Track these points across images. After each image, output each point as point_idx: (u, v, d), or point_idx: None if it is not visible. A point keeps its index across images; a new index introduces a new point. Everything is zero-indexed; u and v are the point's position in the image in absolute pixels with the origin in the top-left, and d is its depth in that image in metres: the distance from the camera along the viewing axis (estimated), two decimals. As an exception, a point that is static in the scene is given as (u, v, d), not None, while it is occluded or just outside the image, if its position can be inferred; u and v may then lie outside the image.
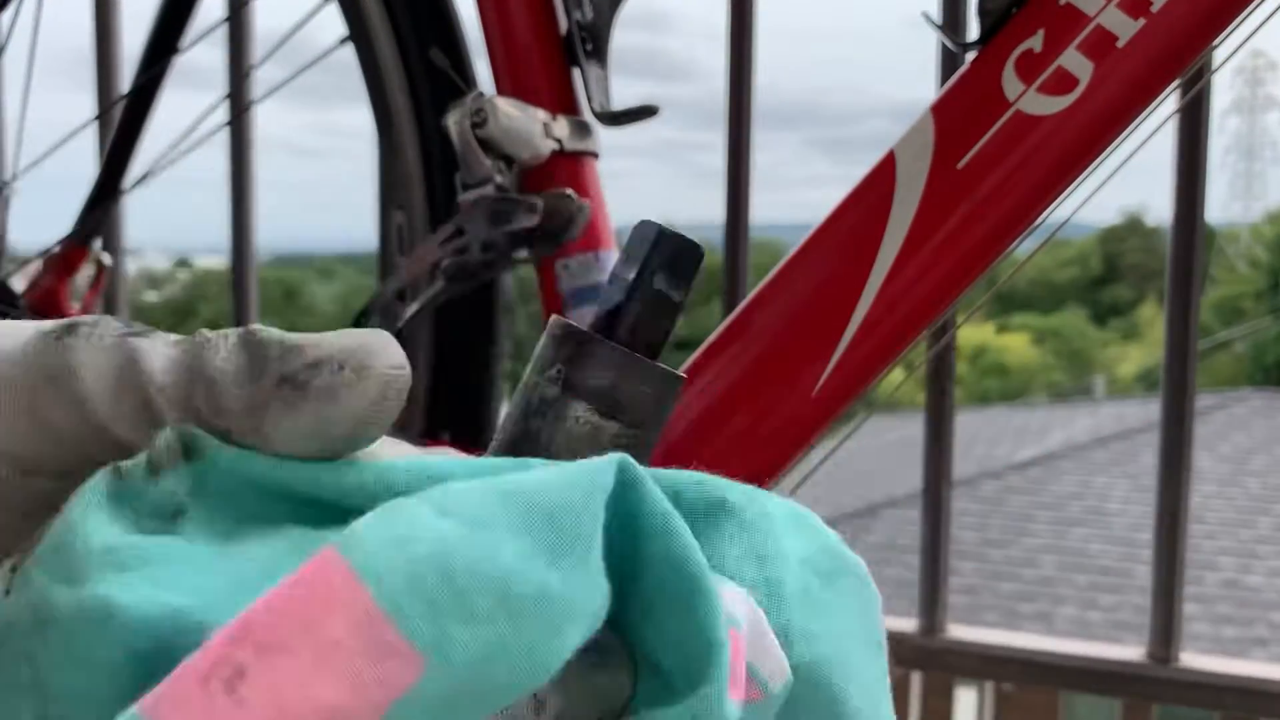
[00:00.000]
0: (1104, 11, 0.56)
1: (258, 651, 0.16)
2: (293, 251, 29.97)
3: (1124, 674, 0.99)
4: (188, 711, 0.16)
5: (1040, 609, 6.88)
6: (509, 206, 0.62)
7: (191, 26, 0.85)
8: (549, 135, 0.65)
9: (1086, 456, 8.55)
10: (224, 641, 0.16)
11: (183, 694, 0.16)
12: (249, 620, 0.17)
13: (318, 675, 0.16)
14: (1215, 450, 8.14)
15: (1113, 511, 7.74)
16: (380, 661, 0.16)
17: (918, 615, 1.05)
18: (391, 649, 0.16)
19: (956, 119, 0.60)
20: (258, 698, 0.16)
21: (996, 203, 0.59)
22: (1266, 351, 18.14)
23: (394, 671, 0.16)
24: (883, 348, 0.62)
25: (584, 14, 0.66)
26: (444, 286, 0.64)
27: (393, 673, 0.16)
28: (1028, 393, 18.95)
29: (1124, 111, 0.58)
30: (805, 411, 0.63)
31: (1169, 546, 0.97)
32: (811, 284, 0.63)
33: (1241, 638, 6.46)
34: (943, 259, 0.60)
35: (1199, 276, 0.94)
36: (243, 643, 0.16)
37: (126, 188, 0.89)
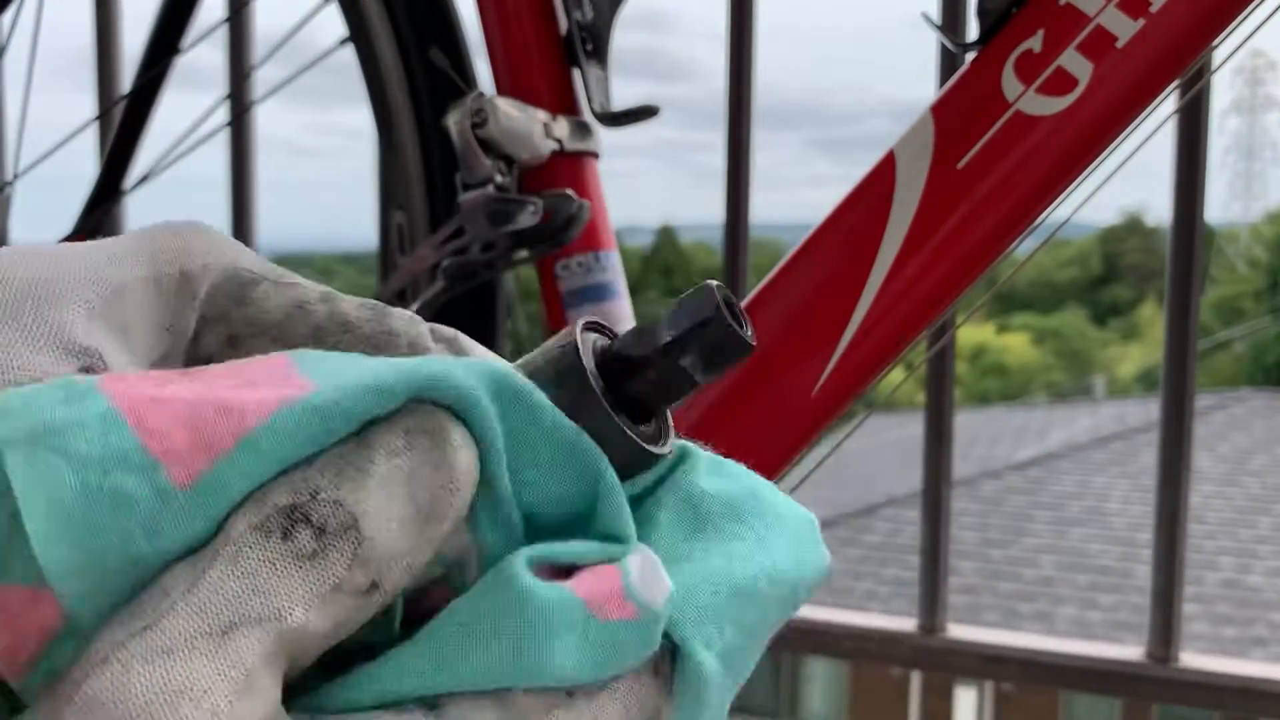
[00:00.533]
0: (1104, 12, 0.56)
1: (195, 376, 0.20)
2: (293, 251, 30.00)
3: (1124, 674, 0.99)
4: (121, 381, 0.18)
5: (1040, 609, 6.88)
6: (509, 207, 0.63)
7: (192, 27, 0.86)
8: (549, 135, 0.65)
9: (1086, 456, 8.55)
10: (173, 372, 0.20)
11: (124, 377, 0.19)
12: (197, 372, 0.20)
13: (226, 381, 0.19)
14: (1215, 450, 8.15)
15: (1112, 511, 7.75)
16: (282, 387, 0.19)
17: (918, 615, 1.06)
18: (291, 381, 0.19)
19: (956, 119, 0.60)
20: (179, 386, 0.19)
21: (996, 203, 0.59)
22: (1266, 351, 18.14)
23: (293, 388, 0.19)
24: (882, 348, 0.62)
25: (584, 14, 0.66)
26: (444, 286, 0.64)
27: (291, 389, 0.19)
28: (1027, 393, 18.95)
29: (1124, 112, 0.58)
30: (805, 411, 0.63)
31: (1169, 546, 0.97)
32: (811, 284, 0.63)
33: (1241, 637, 6.47)
34: (942, 259, 0.60)
35: (1199, 276, 0.94)
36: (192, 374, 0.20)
37: (127, 188, 0.89)
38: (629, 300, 0.70)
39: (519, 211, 0.62)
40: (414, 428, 0.19)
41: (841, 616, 1.10)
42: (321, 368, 0.20)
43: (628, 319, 0.69)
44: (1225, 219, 25.71)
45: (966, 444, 9.23)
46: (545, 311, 0.69)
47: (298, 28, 0.71)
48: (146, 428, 0.18)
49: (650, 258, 23.49)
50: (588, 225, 0.64)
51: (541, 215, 0.62)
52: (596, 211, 0.67)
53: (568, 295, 0.68)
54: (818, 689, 8.13)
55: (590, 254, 0.67)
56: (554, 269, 0.67)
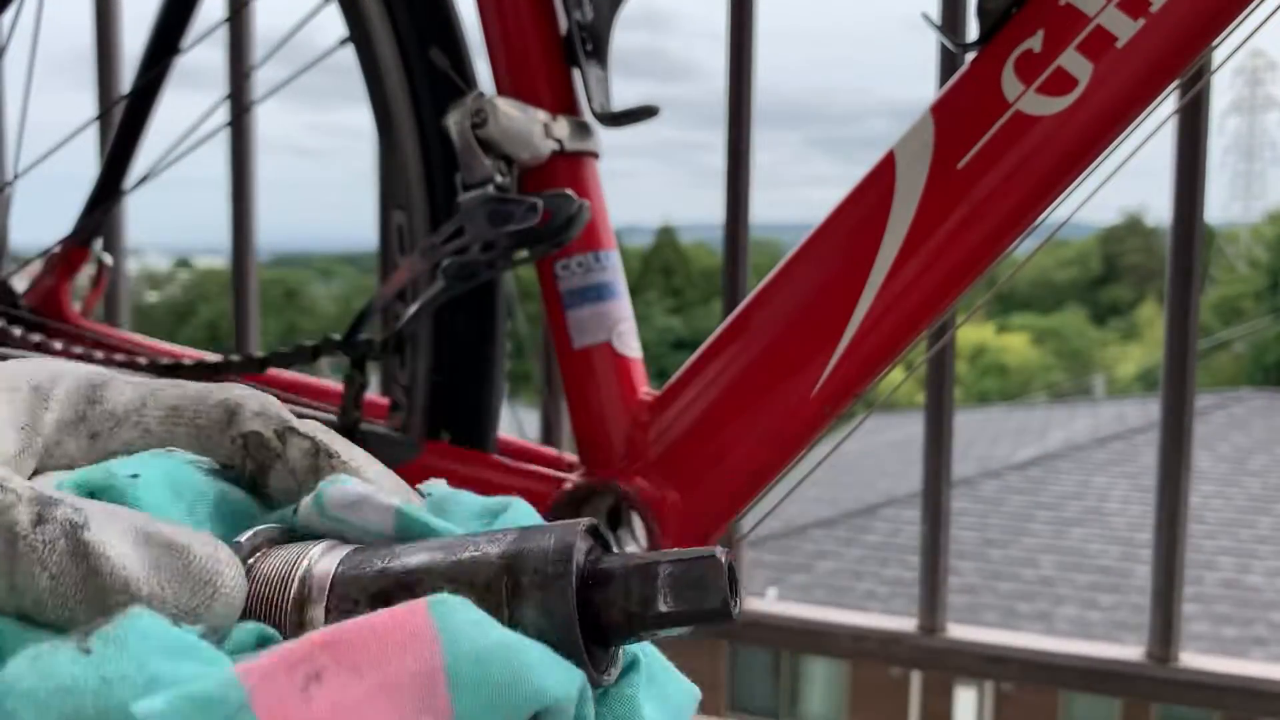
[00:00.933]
0: (1103, 12, 0.56)
1: (337, 664, 0.20)
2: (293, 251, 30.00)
3: (1123, 674, 0.99)
4: (271, 688, 0.19)
5: (1040, 609, 6.88)
6: (509, 207, 0.63)
7: (192, 27, 0.86)
8: (549, 136, 0.65)
9: (1086, 456, 8.55)
10: (318, 643, 0.20)
11: (272, 672, 0.19)
12: (340, 633, 0.20)
13: (372, 705, 0.20)
14: (1215, 450, 8.15)
15: (1112, 511, 7.75)
16: (423, 714, 0.20)
17: (918, 615, 1.06)
18: (436, 709, 0.20)
19: (956, 119, 0.60)
20: (323, 703, 0.19)
21: (996, 203, 0.59)
22: (1266, 351, 18.14)
23: None
24: (882, 348, 0.62)
25: (584, 14, 0.66)
26: (444, 286, 0.64)
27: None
28: (1027, 392, 18.94)
29: (1124, 112, 0.58)
30: (805, 411, 0.63)
31: (1169, 546, 0.97)
32: (811, 284, 0.63)
33: (1241, 637, 6.46)
34: (942, 259, 0.60)
35: (1199, 276, 0.94)
36: (330, 651, 0.20)
37: (127, 188, 0.89)
38: (629, 300, 0.70)
39: (519, 211, 0.62)
40: None
41: (841, 616, 1.10)
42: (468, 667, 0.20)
43: (628, 319, 0.69)
44: (1225, 219, 25.71)
45: (966, 444, 9.23)
46: (545, 311, 0.69)
47: (298, 28, 0.71)
48: None
49: (650, 258, 23.48)
50: (588, 225, 0.64)
51: (541, 215, 0.62)
52: (596, 211, 0.67)
53: (567, 295, 0.68)
54: (818, 688, 8.13)
55: (590, 254, 0.67)
56: (554, 269, 0.67)
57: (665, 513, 0.65)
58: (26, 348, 0.77)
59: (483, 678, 0.20)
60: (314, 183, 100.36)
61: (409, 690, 0.20)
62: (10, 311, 0.84)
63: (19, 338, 0.77)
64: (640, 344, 0.70)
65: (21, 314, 0.86)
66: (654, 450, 0.66)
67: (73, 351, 0.75)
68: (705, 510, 0.66)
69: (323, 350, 0.69)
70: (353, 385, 0.68)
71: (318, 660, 0.19)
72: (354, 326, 0.68)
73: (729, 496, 0.66)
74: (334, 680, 0.19)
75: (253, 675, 0.19)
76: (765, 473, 0.65)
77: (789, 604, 1.14)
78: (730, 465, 0.65)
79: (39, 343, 0.77)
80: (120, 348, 0.81)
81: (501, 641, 0.21)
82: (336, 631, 0.20)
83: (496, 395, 0.72)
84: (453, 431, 0.71)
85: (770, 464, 0.65)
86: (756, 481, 0.65)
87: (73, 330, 0.88)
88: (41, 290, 0.88)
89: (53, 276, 0.88)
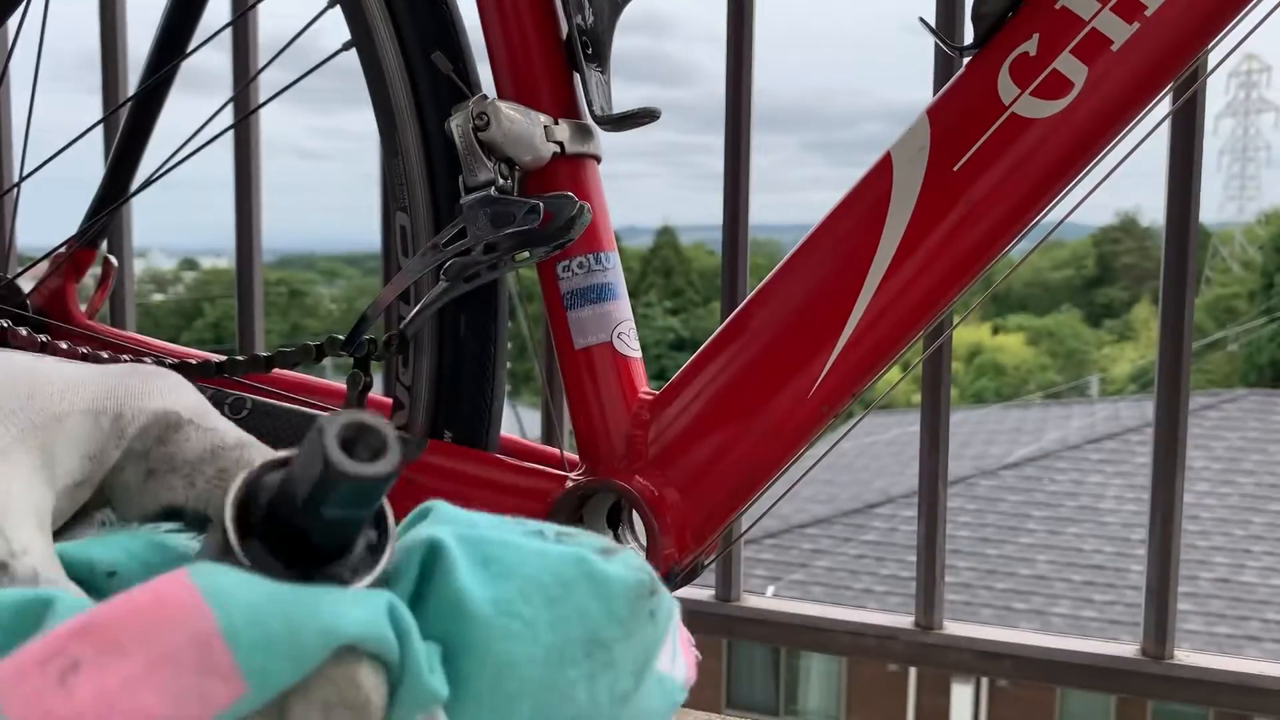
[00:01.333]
0: (1099, 16, 0.57)
1: (96, 650, 0.18)
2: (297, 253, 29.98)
3: (1118, 670, 1.00)
4: (22, 689, 0.18)
5: (1035, 606, 6.89)
6: (511, 208, 0.63)
7: (197, 31, 0.86)
8: (550, 138, 0.66)
9: (1081, 456, 8.56)
10: (67, 634, 0.19)
11: (20, 672, 0.18)
12: (93, 619, 0.19)
13: (146, 683, 0.18)
14: (1209, 449, 8.16)
15: (1107, 510, 7.76)
16: (206, 679, 0.19)
17: (914, 612, 1.06)
18: (220, 671, 0.19)
19: (952, 122, 0.60)
20: (85, 692, 0.18)
21: (992, 204, 0.60)
22: (1260, 351, 18.17)
23: (218, 692, 0.19)
24: (879, 348, 0.63)
25: (585, 18, 0.67)
26: (447, 287, 0.65)
27: (217, 692, 0.19)
28: (1023, 392, 18.96)
29: (1119, 114, 0.59)
30: (803, 410, 0.64)
31: (1163, 544, 0.98)
32: (809, 285, 0.64)
33: (1235, 634, 6.48)
34: (939, 260, 0.61)
35: (1193, 277, 0.95)
36: (84, 638, 0.18)
37: (133, 190, 0.89)
38: (629, 301, 0.71)
39: (521, 213, 0.63)
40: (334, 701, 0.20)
41: (839, 613, 1.10)
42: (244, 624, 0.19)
43: (628, 319, 0.70)
44: (1219, 220, 25.76)
45: (962, 443, 9.24)
46: (546, 312, 0.70)
47: (302, 31, 0.72)
48: None
49: (650, 259, 23.47)
50: (588, 227, 0.65)
51: (543, 217, 0.63)
52: (597, 213, 0.67)
53: (568, 296, 0.68)
54: (815, 685, 8.13)
55: (591, 255, 0.68)
56: (555, 270, 0.68)
57: (665, 511, 0.66)
58: (32, 348, 0.77)
59: (262, 631, 0.19)
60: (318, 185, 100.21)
61: (185, 660, 0.19)
62: (16, 312, 0.85)
63: (25, 338, 0.78)
64: (640, 344, 0.71)
65: (28, 314, 0.86)
66: (654, 449, 0.67)
67: (78, 352, 0.75)
68: (704, 508, 0.66)
69: (327, 350, 0.70)
70: (356, 385, 0.69)
71: (71, 651, 0.18)
72: (357, 327, 0.68)
73: (728, 495, 0.66)
74: (94, 667, 0.18)
75: (1, 677, 0.18)
76: (764, 471, 0.66)
77: (787, 601, 1.15)
78: (729, 464, 0.66)
79: (45, 343, 0.78)
80: (125, 348, 0.82)
81: (273, 593, 0.20)
82: (88, 617, 0.19)
83: (498, 395, 0.73)
84: (455, 431, 0.71)
85: (769, 462, 0.66)
86: (755, 480, 0.66)
87: (78, 331, 0.88)
88: (48, 291, 0.89)
89: (59, 277, 0.89)
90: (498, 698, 0.23)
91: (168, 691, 0.18)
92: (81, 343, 0.78)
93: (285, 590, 0.20)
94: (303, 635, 0.20)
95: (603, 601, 0.25)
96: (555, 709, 0.23)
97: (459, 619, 0.23)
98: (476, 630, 0.23)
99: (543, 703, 0.23)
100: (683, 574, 0.67)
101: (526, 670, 0.23)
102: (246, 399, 0.72)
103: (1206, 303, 19.81)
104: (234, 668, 0.19)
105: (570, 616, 0.24)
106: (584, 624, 0.24)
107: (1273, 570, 7.02)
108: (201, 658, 0.19)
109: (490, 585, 0.24)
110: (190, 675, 0.19)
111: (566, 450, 0.72)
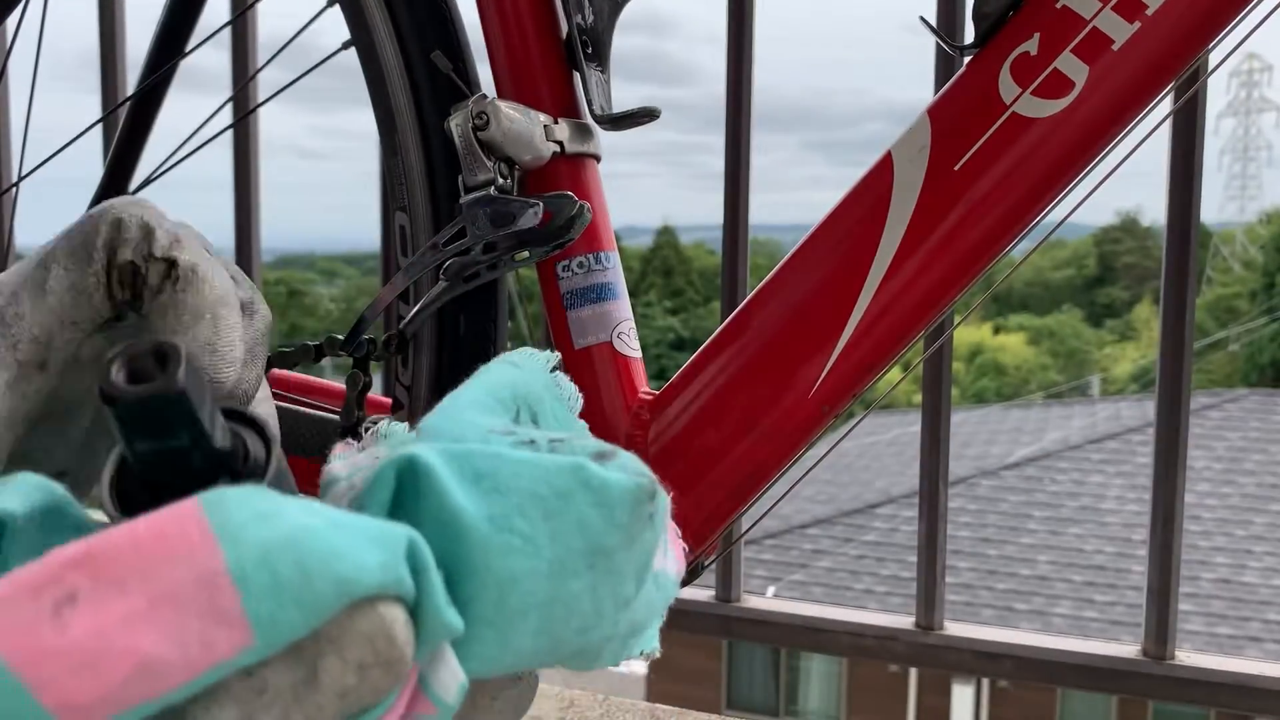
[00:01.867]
0: (1100, 15, 0.57)
1: (95, 581, 0.17)
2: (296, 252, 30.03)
3: (1119, 671, 1.00)
4: (12, 616, 0.16)
5: (1036, 606, 6.89)
6: (511, 208, 0.63)
7: (196, 30, 0.86)
8: (550, 138, 0.66)
9: (1082, 456, 8.56)
10: (65, 561, 0.17)
11: (11, 599, 0.16)
12: (93, 547, 0.17)
13: (145, 622, 0.17)
14: (1210, 449, 8.16)
15: (1108, 510, 7.76)
16: (211, 624, 0.17)
17: (915, 612, 1.06)
18: (226, 617, 0.17)
19: (953, 121, 0.60)
20: (81, 627, 0.16)
21: (993, 204, 0.60)
22: (1261, 351, 18.18)
23: (222, 638, 0.17)
24: (880, 348, 0.63)
25: (585, 18, 0.67)
26: (446, 287, 0.65)
27: (220, 639, 0.17)
28: (1024, 392, 18.97)
29: (1120, 114, 0.58)
30: (803, 410, 0.64)
31: (1164, 545, 0.98)
32: (810, 284, 0.64)
33: (1236, 635, 6.48)
34: (939, 260, 0.61)
35: (1194, 277, 0.95)
36: (83, 568, 0.17)
37: (132, 189, 0.89)
38: (629, 300, 0.71)
39: (520, 213, 0.63)
40: (369, 661, 0.19)
41: (839, 614, 1.10)
42: (254, 567, 0.18)
43: (627, 319, 0.70)
44: (1221, 220, 25.79)
45: (963, 443, 9.24)
46: (546, 311, 0.70)
47: (301, 30, 0.72)
48: (43, 683, 0.16)
49: (650, 258, 23.48)
50: (588, 226, 0.65)
51: (542, 216, 0.63)
52: (597, 213, 0.67)
53: (568, 295, 0.68)
54: (815, 685, 8.13)
55: (591, 255, 0.68)
56: (555, 270, 0.68)
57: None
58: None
59: (274, 575, 0.18)
60: (317, 184, 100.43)
61: (189, 601, 0.17)
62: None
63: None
64: (640, 344, 0.71)
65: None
66: (653, 449, 0.67)
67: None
68: (704, 509, 0.66)
69: (326, 350, 0.70)
70: (356, 385, 0.69)
71: (68, 580, 0.17)
72: (356, 326, 0.68)
73: (728, 495, 0.66)
74: (92, 601, 0.17)
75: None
76: (764, 471, 0.66)
77: (787, 601, 1.15)
78: (729, 464, 0.65)
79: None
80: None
81: (290, 533, 0.18)
82: (89, 545, 0.17)
83: (498, 395, 0.73)
84: (455, 431, 0.71)
85: (768, 463, 0.65)
86: (755, 480, 0.66)
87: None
88: (45, 291, 0.89)
89: (56, 277, 0.89)
90: (502, 617, 0.22)
91: (168, 633, 0.17)
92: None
93: (302, 529, 0.19)
94: (317, 583, 0.18)
95: (603, 510, 0.24)
96: (560, 622, 0.23)
97: (455, 540, 0.22)
98: (475, 550, 0.22)
99: (547, 617, 0.23)
100: (683, 574, 0.67)
101: (529, 586, 0.22)
102: (245, 399, 0.71)
103: (1208, 302, 19.83)
104: (241, 613, 0.17)
105: (570, 528, 0.23)
106: (585, 534, 0.23)
107: (1274, 571, 7.02)
108: (207, 599, 0.17)
109: (484, 502, 0.23)
110: (193, 617, 0.17)
111: (566, 450, 0.72)
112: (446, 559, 0.22)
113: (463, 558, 0.22)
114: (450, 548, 0.22)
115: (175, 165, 0.77)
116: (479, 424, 0.26)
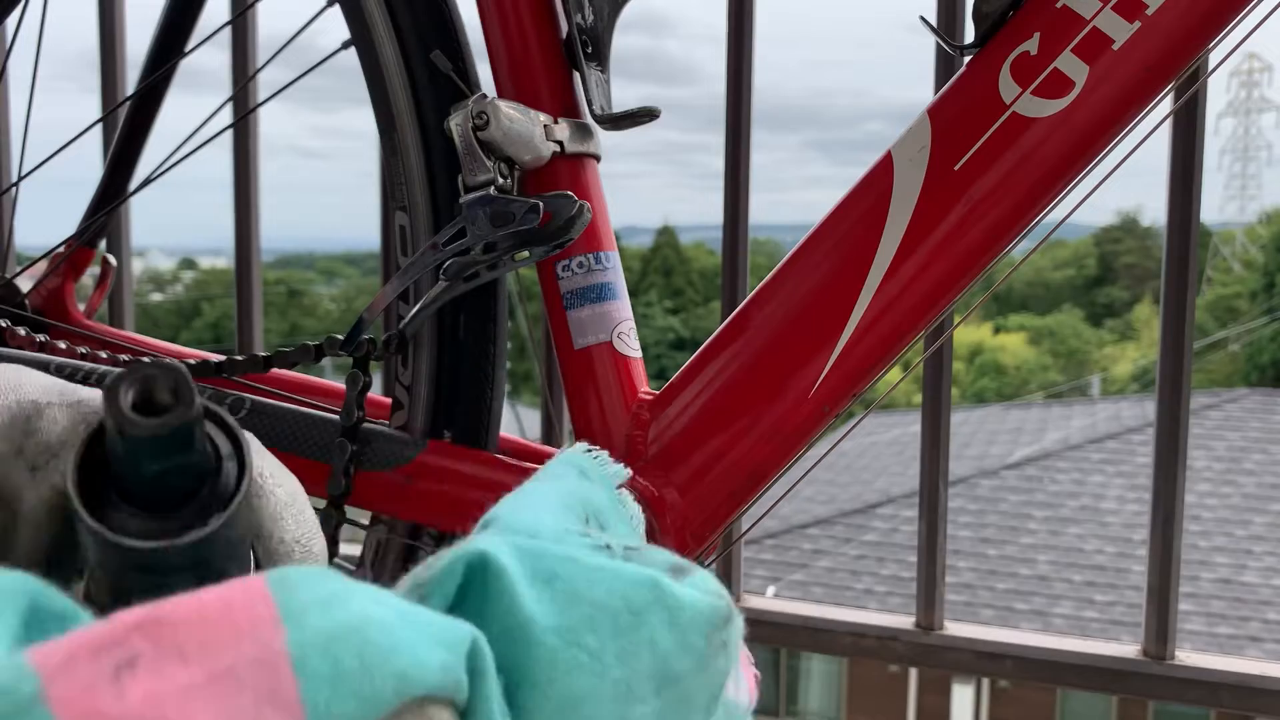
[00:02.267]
0: (1100, 15, 0.57)
1: (157, 648, 0.16)
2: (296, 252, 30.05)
3: (1119, 671, 1.00)
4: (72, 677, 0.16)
5: (1036, 606, 6.89)
6: (511, 208, 0.63)
7: (196, 30, 0.86)
8: (550, 138, 0.66)
9: (1082, 455, 8.57)
10: (130, 624, 0.17)
11: (72, 658, 0.16)
12: (160, 613, 0.17)
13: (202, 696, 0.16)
14: (1210, 449, 8.17)
15: (1108, 510, 7.76)
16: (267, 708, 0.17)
17: (915, 612, 1.06)
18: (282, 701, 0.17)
19: (953, 121, 0.60)
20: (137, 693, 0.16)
21: (993, 204, 0.60)
22: (1261, 351, 18.18)
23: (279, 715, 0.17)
24: (880, 347, 0.63)
25: (584, 17, 0.67)
26: (446, 287, 0.65)
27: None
28: (1024, 392, 18.97)
29: (1120, 114, 0.58)
30: (803, 410, 0.64)
31: (1164, 544, 0.98)
32: (810, 284, 0.64)
33: (1236, 635, 6.48)
34: (939, 259, 0.61)
35: (1194, 277, 0.95)
36: (147, 632, 0.16)
37: (132, 189, 0.89)
38: (629, 300, 0.71)
39: (520, 212, 0.63)
40: None
41: (839, 614, 1.10)
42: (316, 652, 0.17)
43: (627, 319, 0.70)
44: (1221, 220, 25.81)
45: (963, 443, 9.24)
46: (546, 311, 0.70)
47: (301, 30, 0.72)
48: None
49: (650, 258, 23.49)
50: (588, 226, 0.65)
51: (542, 216, 0.63)
52: (597, 212, 0.67)
53: (568, 295, 0.68)
54: (816, 685, 8.13)
55: (591, 255, 0.68)
56: (555, 269, 0.68)
57: (665, 511, 0.65)
58: (31, 348, 0.77)
59: (334, 664, 0.17)
60: (317, 184, 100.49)
61: (247, 680, 0.17)
62: (15, 312, 0.85)
63: (23, 338, 0.78)
64: (640, 344, 0.71)
65: (26, 314, 0.86)
66: (653, 449, 0.67)
67: (76, 352, 0.75)
68: (704, 509, 0.66)
69: (326, 350, 0.70)
70: (355, 385, 0.69)
71: (132, 644, 0.16)
72: (356, 326, 0.68)
73: (728, 495, 0.66)
74: (152, 667, 0.16)
75: (49, 662, 0.16)
76: (764, 471, 0.66)
77: (787, 601, 1.15)
78: (729, 464, 0.65)
79: (43, 343, 0.77)
80: (124, 348, 0.82)
81: (353, 621, 0.18)
82: (155, 610, 0.17)
83: (498, 395, 0.73)
84: (454, 430, 0.71)
85: (769, 463, 0.65)
86: (755, 480, 0.66)
87: (77, 330, 0.88)
88: (46, 291, 0.89)
89: (57, 277, 0.89)
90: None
91: (222, 711, 0.16)
92: (80, 342, 0.78)
93: (366, 619, 0.18)
94: (377, 677, 0.18)
95: (676, 631, 0.23)
96: None
97: (521, 648, 0.21)
98: (540, 663, 0.21)
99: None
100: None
101: (592, 708, 0.21)
102: (245, 399, 0.71)
103: (1208, 302, 19.83)
104: (298, 699, 0.17)
105: (641, 648, 0.22)
106: (655, 656, 0.22)
107: (1274, 570, 7.02)
108: (265, 681, 0.17)
109: (554, 609, 0.22)
110: (249, 698, 0.17)
111: (566, 450, 0.72)
112: (509, 665, 0.21)
113: (527, 668, 0.21)
114: (514, 654, 0.21)
115: (175, 165, 0.77)
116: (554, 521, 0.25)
